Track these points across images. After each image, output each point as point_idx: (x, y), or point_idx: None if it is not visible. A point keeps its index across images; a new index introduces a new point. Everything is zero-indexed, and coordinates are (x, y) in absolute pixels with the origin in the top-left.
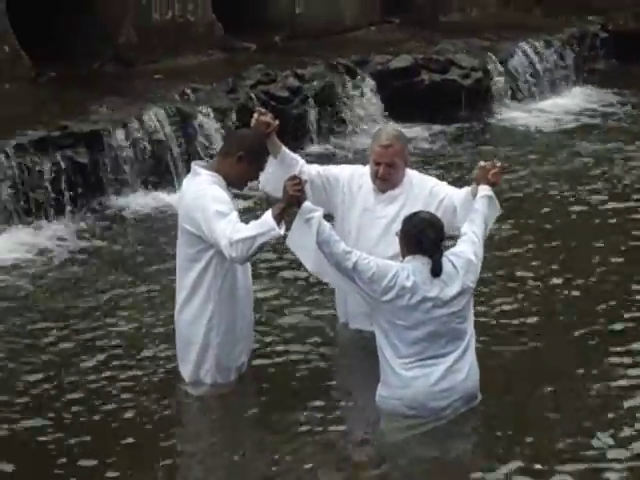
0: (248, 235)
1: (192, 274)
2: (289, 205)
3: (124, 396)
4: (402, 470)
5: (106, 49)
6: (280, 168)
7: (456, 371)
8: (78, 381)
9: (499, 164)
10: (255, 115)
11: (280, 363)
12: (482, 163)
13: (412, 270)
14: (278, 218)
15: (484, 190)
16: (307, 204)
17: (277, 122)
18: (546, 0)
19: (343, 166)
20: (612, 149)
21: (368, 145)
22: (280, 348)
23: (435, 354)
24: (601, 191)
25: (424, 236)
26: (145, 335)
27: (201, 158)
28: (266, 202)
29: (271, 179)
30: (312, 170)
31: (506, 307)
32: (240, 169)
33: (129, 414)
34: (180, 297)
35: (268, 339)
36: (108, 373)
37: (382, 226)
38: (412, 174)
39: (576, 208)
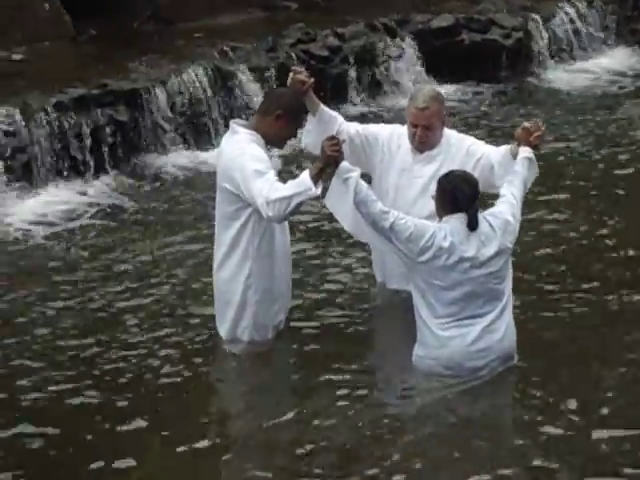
0: (285, 194)
1: (230, 232)
2: (327, 165)
3: (163, 352)
4: (439, 430)
5: (146, 7)
6: (319, 125)
7: (493, 331)
8: (120, 339)
9: (543, 127)
10: (291, 74)
11: (317, 322)
12: (526, 124)
13: (449, 230)
14: (315, 178)
15: (525, 152)
16: (344, 164)
17: (313, 80)
18: None
19: (382, 125)
20: None
21: (407, 105)
22: (317, 307)
23: (472, 314)
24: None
25: (459, 191)
26: (185, 293)
27: (240, 117)
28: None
29: (310, 136)
30: (351, 129)
31: (545, 270)
32: (278, 127)
33: (168, 371)
34: (218, 254)
35: (306, 298)
36: (148, 331)
37: (420, 186)
38: (450, 134)
39: (616, 171)
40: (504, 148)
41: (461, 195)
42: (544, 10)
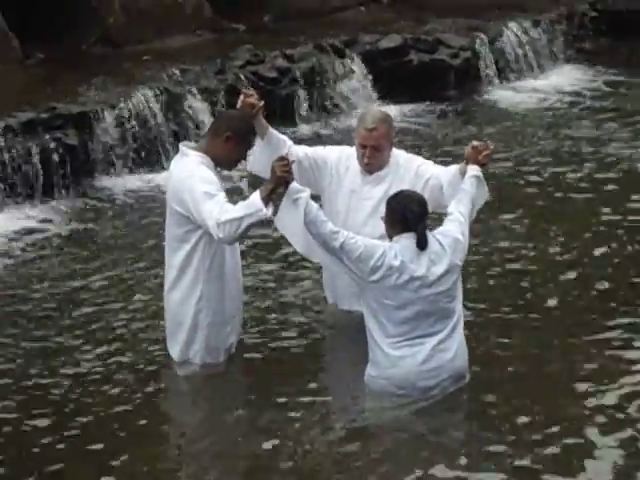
0: (235, 216)
1: (181, 254)
2: (277, 186)
3: (116, 377)
4: (390, 449)
5: (94, 31)
6: (267, 149)
7: (444, 350)
8: (74, 364)
9: (491, 146)
10: (241, 96)
11: (269, 344)
12: (474, 143)
13: (399, 249)
14: (266, 199)
15: (473, 170)
16: (294, 185)
17: (262, 103)
18: None
19: (330, 147)
20: (599, 128)
21: (355, 126)
22: (269, 329)
23: (423, 333)
24: (587, 170)
25: (408, 211)
26: (136, 315)
27: (189, 139)
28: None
29: (259, 160)
30: (300, 151)
31: (498, 289)
32: (228, 150)
33: (118, 395)
34: (169, 277)
35: (257, 320)
36: (99, 352)
37: (369, 207)
38: (399, 154)
39: (565, 189)
40: (453, 168)
41: (410, 215)
42: (491, 30)
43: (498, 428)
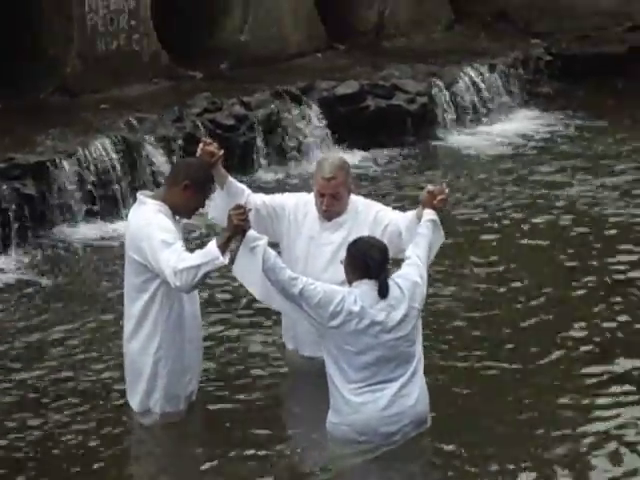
0: (192, 264)
1: (139, 303)
2: (234, 234)
3: (75, 427)
4: None
5: (52, 80)
6: (226, 198)
7: (405, 395)
8: (34, 413)
9: (446, 190)
10: (200, 145)
11: (230, 391)
12: (430, 187)
13: (359, 295)
14: (222, 247)
15: (429, 214)
16: (251, 232)
17: (222, 152)
18: (490, 25)
19: (288, 195)
20: (557, 171)
21: (314, 173)
22: (230, 375)
23: (384, 379)
24: (546, 214)
25: (369, 258)
26: (96, 365)
27: (148, 187)
28: (214, 231)
29: (218, 209)
30: (257, 199)
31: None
32: (186, 198)
33: (79, 445)
34: (128, 327)
35: (217, 367)
36: (63, 406)
37: (329, 253)
38: (357, 200)
39: (523, 233)
40: (411, 213)
41: (372, 262)
42: (448, 75)
43: (461, 475)
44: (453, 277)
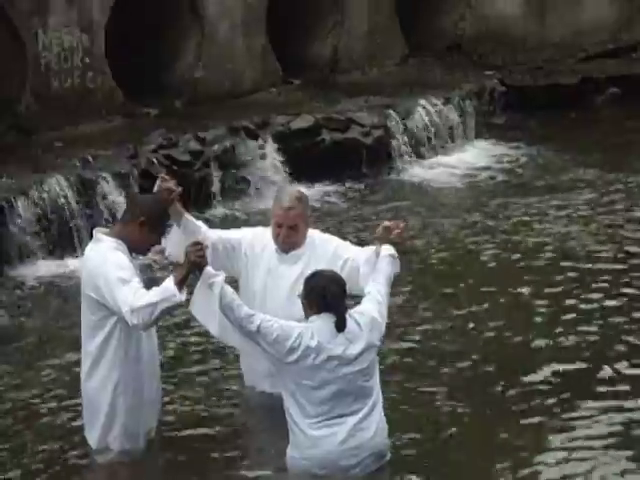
0: (149, 302)
1: (96, 341)
2: (191, 270)
3: (34, 467)
4: None
5: (6, 118)
6: (183, 234)
7: (364, 429)
8: None
9: (402, 224)
10: (158, 181)
11: (189, 427)
12: (386, 223)
13: (316, 329)
14: (179, 284)
15: (387, 250)
16: (209, 269)
17: (180, 189)
18: (444, 58)
19: (244, 229)
20: (513, 202)
21: (271, 206)
22: (188, 412)
23: (342, 413)
24: (502, 244)
25: (327, 291)
26: (53, 404)
27: (103, 224)
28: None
29: (174, 245)
30: (213, 235)
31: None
32: (142, 234)
33: None
34: (85, 364)
35: (176, 403)
36: (15, 444)
37: (287, 287)
38: (314, 234)
39: (484, 262)
40: (369, 249)
41: (329, 295)
42: (403, 107)
43: None
44: (414, 308)
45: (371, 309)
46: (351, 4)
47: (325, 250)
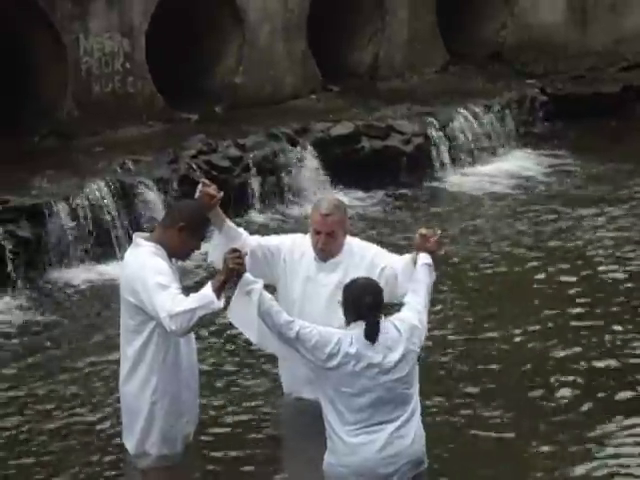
0: (188, 308)
1: (135, 345)
2: (229, 278)
3: (73, 470)
4: None
5: (47, 123)
6: (224, 241)
7: (402, 437)
8: (29, 454)
9: (439, 232)
10: (199, 186)
11: (227, 433)
12: (422, 231)
13: (355, 337)
14: (218, 291)
15: (424, 258)
16: (247, 276)
17: (221, 194)
18: (485, 66)
19: (283, 236)
20: (551, 211)
21: (310, 213)
22: (226, 418)
23: (381, 420)
24: (542, 254)
25: (361, 301)
26: (89, 408)
27: (143, 229)
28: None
29: (216, 252)
30: (252, 242)
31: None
32: (181, 240)
33: None
34: (124, 369)
35: (214, 409)
36: (59, 448)
37: (326, 295)
38: (353, 242)
39: (518, 274)
40: (407, 257)
41: (364, 304)
42: (443, 115)
43: None
44: (452, 317)
45: (411, 317)
46: (392, 11)
47: (363, 258)
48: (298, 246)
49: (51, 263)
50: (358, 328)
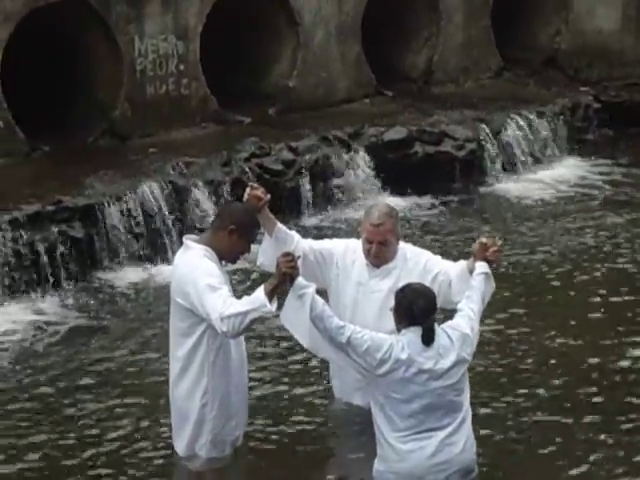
0: (240, 310)
1: (185, 348)
2: (281, 281)
3: (124, 469)
4: None
5: (101, 123)
6: (275, 244)
7: (452, 444)
8: (79, 455)
9: (499, 242)
10: (247, 189)
11: (276, 437)
12: (483, 239)
13: (407, 342)
14: (270, 294)
15: (482, 267)
16: (300, 280)
17: (269, 196)
18: (539, 72)
19: (336, 241)
20: (605, 220)
21: (362, 220)
22: (276, 422)
23: (431, 427)
24: (598, 264)
25: (415, 305)
26: (142, 410)
27: (194, 231)
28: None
29: (267, 255)
30: (305, 246)
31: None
32: (231, 243)
33: None
34: (174, 371)
35: (264, 413)
36: (110, 449)
37: (378, 301)
38: (406, 247)
39: (573, 280)
40: (462, 263)
41: (417, 309)
42: (496, 121)
43: None
44: (507, 325)
45: (463, 324)
46: (447, 16)
47: (416, 264)
48: (351, 251)
49: (102, 264)
50: (410, 333)
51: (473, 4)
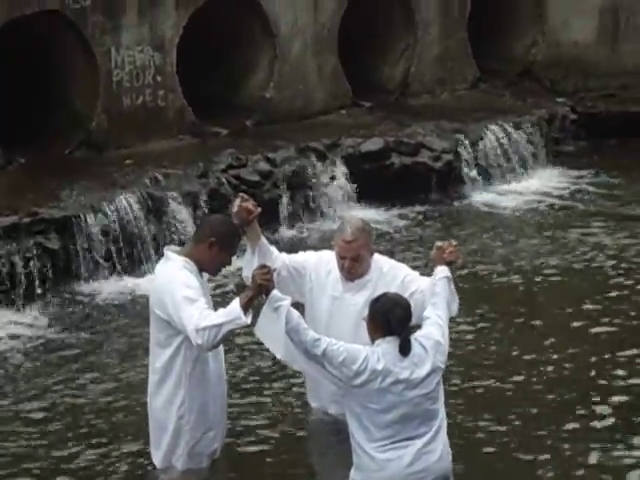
0: (215, 323)
1: (162, 359)
2: (257, 294)
3: None
4: None
5: (77, 134)
6: (259, 258)
7: (429, 452)
8: (53, 468)
9: (454, 243)
10: (237, 201)
11: (253, 449)
12: (438, 243)
13: (382, 353)
14: (245, 306)
15: (442, 271)
16: (275, 292)
17: (259, 209)
18: (516, 83)
19: (309, 253)
20: (581, 230)
21: (334, 236)
22: (253, 434)
23: (408, 436)
24: (569, 272)
25: (392, 315)
26: (119, 421)
27: (171, 243)
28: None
29: (250, 267)
30: (279, 261)
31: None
32: (212, 255)
33: None
34: (152, 382)
35: (240, 425)
36: (82, 459)
37: (354, 314)
38: (382, 261)
39: (548, 287)
40: (429, 280)
41: (393, 318)
42: (473, 132)
43: None
44: (478, 335)
45: (435, 332)
46: (424, 28)
47: (394, 278)
48: (325, 263)
49: (79, 276)
50: (385, 344)
51: (449, 16)
